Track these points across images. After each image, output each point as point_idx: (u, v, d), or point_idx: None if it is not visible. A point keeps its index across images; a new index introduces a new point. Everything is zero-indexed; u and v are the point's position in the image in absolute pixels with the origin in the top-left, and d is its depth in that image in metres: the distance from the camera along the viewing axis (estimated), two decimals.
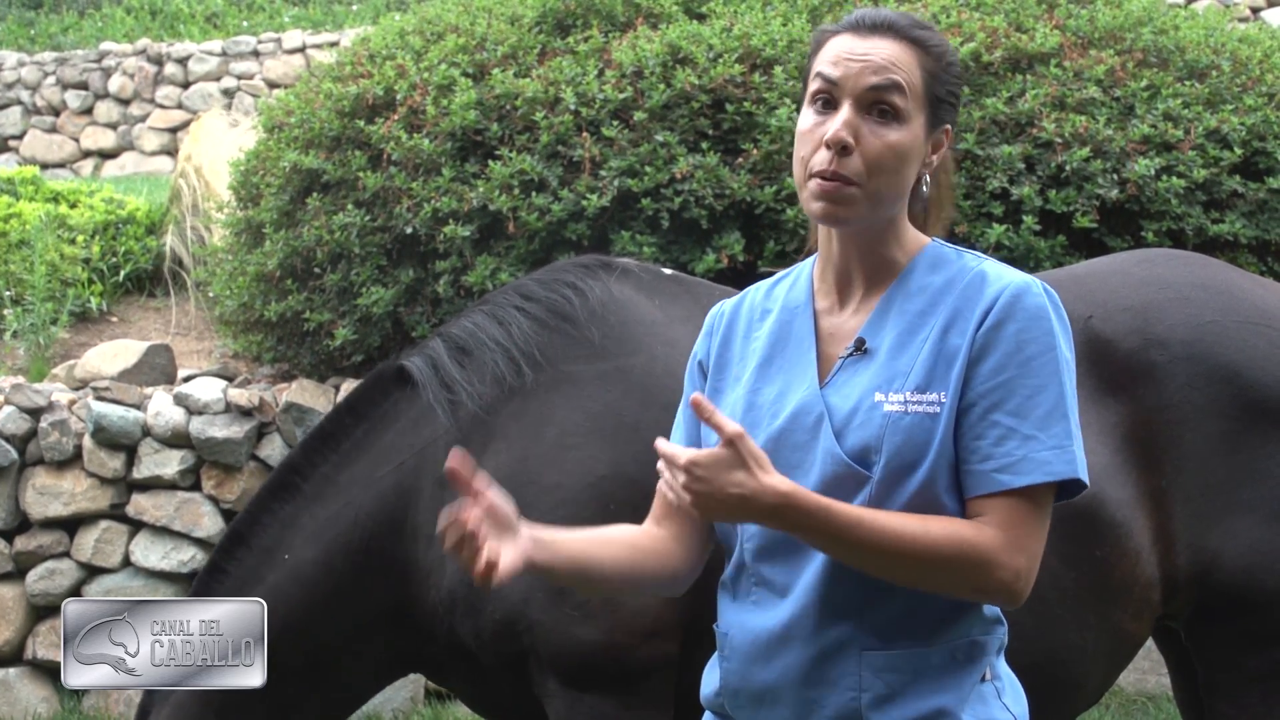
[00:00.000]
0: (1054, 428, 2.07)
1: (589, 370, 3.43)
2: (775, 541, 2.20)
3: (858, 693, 2.13)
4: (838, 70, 2.15)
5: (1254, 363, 3.28)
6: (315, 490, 3.58)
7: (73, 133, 15.87)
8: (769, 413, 2.24)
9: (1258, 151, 5.76)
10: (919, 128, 2.17)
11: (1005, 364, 2.08)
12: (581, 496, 3.31)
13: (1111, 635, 3.26)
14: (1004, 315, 2.10)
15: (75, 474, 6.21)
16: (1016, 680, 2.27)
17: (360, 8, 17.61)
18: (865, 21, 2.20)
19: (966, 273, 2.18)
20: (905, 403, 2.11)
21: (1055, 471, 2.07)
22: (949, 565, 2.04)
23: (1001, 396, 2.08)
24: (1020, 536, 2.07)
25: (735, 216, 5.52)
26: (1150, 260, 3.60)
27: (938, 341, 2.13)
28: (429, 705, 6.18)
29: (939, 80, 2.19)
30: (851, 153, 2.12)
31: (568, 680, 3.32)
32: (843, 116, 2.13)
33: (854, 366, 2.19)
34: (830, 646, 2.14)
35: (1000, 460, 2.07)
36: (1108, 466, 3.16)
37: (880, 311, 2.21)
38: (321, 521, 3.54)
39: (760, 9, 6.29)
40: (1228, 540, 3.24)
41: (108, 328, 8.24)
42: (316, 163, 6.08)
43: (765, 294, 2.39)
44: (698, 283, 3.78)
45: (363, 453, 3.57)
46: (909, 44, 2.18)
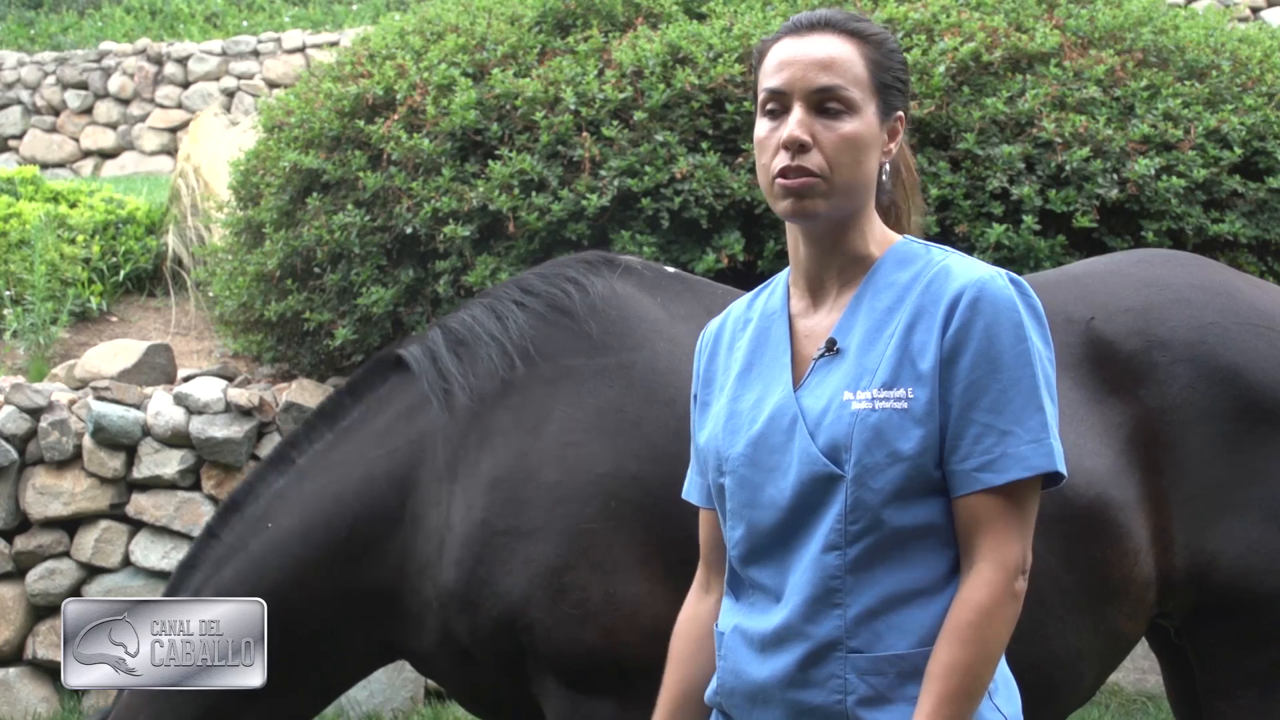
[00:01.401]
0: (1030, 420, 2.10)
1: (590, 365, 3.42)
2: (761, 546, 2.23)
3: (843, 694, 2.14)
4: (783, 75, 2.19)
5: (1254, 364, 3.28)
6: (307, 465, 3.60)
7: (72, 132, 15.88)
8: (748, 418, 2.27)
9: (1258, 151, 5.76)
10: (872, 116, 2.20)
11: (977, 361, 2.10)
12: (582, 494, 3.29)
13: (1107, 635, 3.26)
14: (971, 313, 2.11)
15: (75, 474, 6.22)
16: (1012, 679, 2.27)
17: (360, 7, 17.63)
18: (803, 23, 2.24)
19: (931, 268, 2.20)
20: (873, 399, 2.13)
21: (1034, 466, 2.10)
22: (1002, 634, 2.10)
23: (976, 394, 2.10)
24: (1012, 531, 2.10)
25: (735, 216, 5.52)
26: (1148, 261, 3.60)
27: (903, 338, 2.15)
28: (429, 705, 6.18)
29: (883, 68, 2.22)
30: (810, 149, 2.15)
31: (567, 680, 3.31)
32: (795, 118, 2.16)
33: (826, 367, 2.21)
34: (817, 648, 2.16)
35: (980, 458, 2.09)
36: (1112, 469, 3.16)
37: (851, 310, 2.23)
38: (307, 495, 3.56)
39: (760, 8, 6.29)
40: (1226, 540, 3.24)
41: (108, 327, 8.24)
42: (316, 162, 6.08)
43: (747, 305, 2.43)
44: (701, 281, 3.78)
45: (356, 433, 3.59)
46: (848, 36, 2.21)
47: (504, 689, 3.48)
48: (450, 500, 3.40)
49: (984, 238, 5.28)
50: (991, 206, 5.42)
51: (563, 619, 3.29)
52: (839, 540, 2.13)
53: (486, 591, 3.32)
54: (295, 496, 3.58)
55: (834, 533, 2.13)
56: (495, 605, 3.32)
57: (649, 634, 3.27)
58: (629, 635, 3.27)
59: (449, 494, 3.41)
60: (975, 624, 2.07)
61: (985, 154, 5.50)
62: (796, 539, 2.18)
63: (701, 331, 2.50)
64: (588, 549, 3.26)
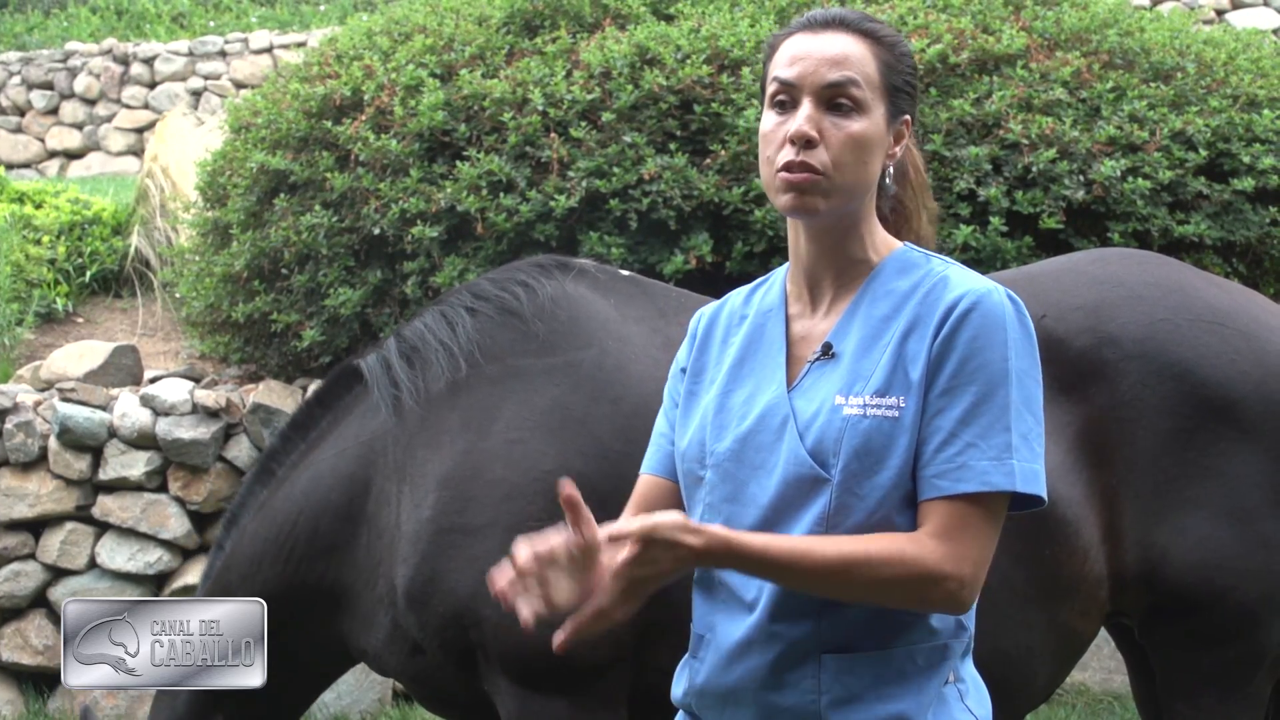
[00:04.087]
0: (994, 439, 2.07)
1: (537, 365, 3.46)
2: None
3: (816, 695, 2.14)
4: (794, 70, 2.18)
5: (1205, 361, 3.30)
6: (284, 474, 3.73)
7: (38, 133, 15.77)
8: (738, 414, 2.25)
9: (1222, 153, 5.80)
10: (880, 118, 2.19)
11: (957, 371, 2.09)
12: (527, 491, 3.32)
13: (1059, 633, 3.27)
14: (960, 323, 2.10)
15: (41, 475, 6.18)
16: (981, 682, 2.27)
17: (328, 8, 17.56)
18: (817, 20, 2.24)
19: (931, 278, 2.19)
20: (864, 406, 2.12)
21: (992, 482, 2.06)
22: (892, 584, 2.05)
23: (948, 403, 2.09)
24: (964, 545, 2.06)
25: (703, 217, 5.52)
26: (1104, 259, 3.62)
27: (898, 346, 2.14)
28: (397, 707, 6.17)
29: (894, 70, 2.22)
30: (816, 145, 2.14)
31: (517, 678, 3.33)
32: (804, 113, 2.15)
33: (821, 370, 2.20)
34: (790, 650, 2.15)
35: (939, 466, 2.08)
36: (1059, 466, 3.18)
37: (848, 315, 2.22)
38: (280, 501, 3.68)
39: (728, 10, 6.30)
40: (1176, 537, 3.26)
41: (73, 328, 8.20)
42: (284, 163, 6.07)
43: (744, 300, 2.41)
44: (655, 284, 3.79)
45: (323, 441, 3.71)
46: (861, 37, 2.21)
47: (460, 687, 3.50)
48: (399, 499, 3.47)
49: (951, 239, 5.29)
50: (959, 208, 5.44)
51: (511, 615, 3.29)
52: None
53: (434, 588, 3.36)
54: (272, 504, 3.70)
55: (814, 533, 2.12)
56: (443, 602, 3.35)
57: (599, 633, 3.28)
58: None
59: (398, 493, 3.48)
60: (887, 554, 2.04)
61: (952, 155, 5.52)
62: None
63: (695, 316, 2.47)
64: None
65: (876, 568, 2.03)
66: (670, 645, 3.16)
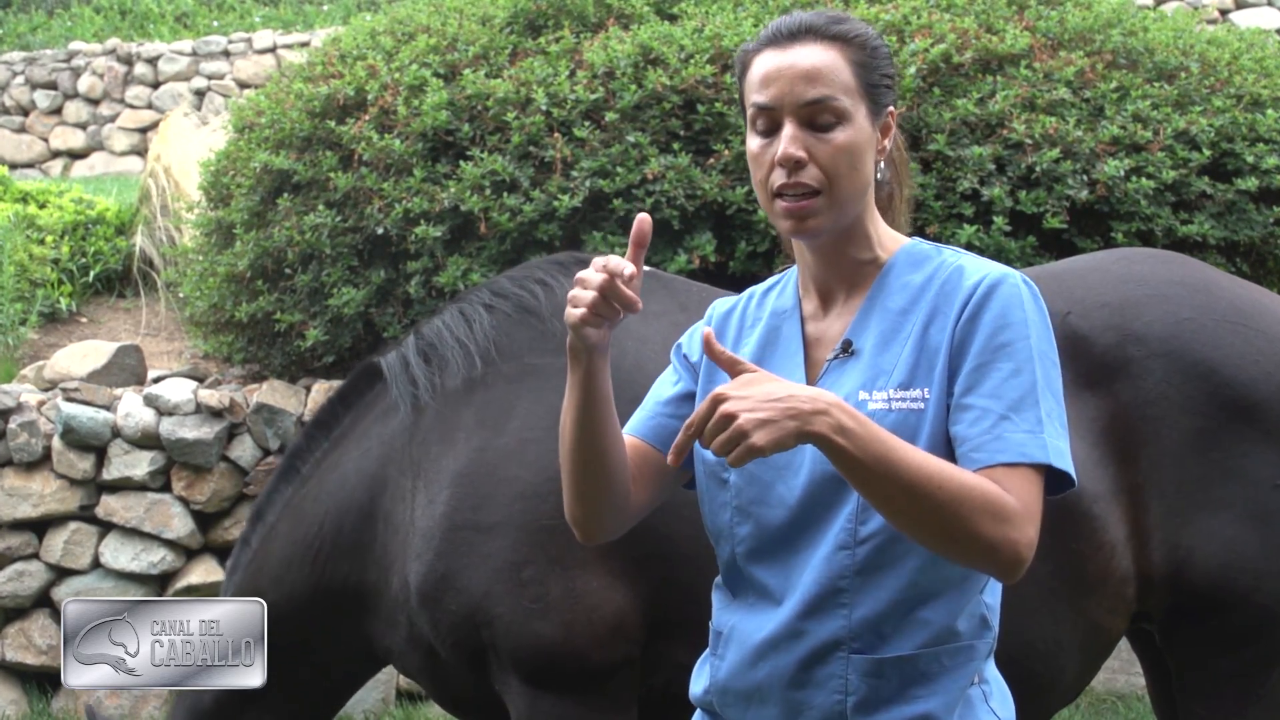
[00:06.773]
0: (1026, 413, 2.05)
1: (554, 364, 3.43)
2: (767, 544, 2.20)
3: (844, 695, 2.13)
4: (770, 92, 2.15)
5: (1230, 360, 3.29)
6: (309, 472, 3.76)
7: (41, 133, 15.79)
8: None
9: (1226, 153, 5.80)
10: (864, 120, 2.16)
11: (982, 349, 2.07)
12: (541, 490, 3.32)
13: (1086, 628, 3.26)
14: (981, 305, 2.09)
15: (44, 475, 6.19)
16: (1004, 683, 2.27)
17: (331, 8, 17.57)
18: (783, 32, 2.19)
19: (945, 268, 2.18)
20: (889, 400, 2.10)
21: (1029, 454, 2.03)
22: (978, 510, 1.97)
23: (976, 380, 2.07)
24: (1024, 506, 2.01)
25: (707, 217, 5.52)
26: (1128, 258, 3.61)
27: (919, 338, 2.13)
28: (400, 706, 6.16)
29: (869, 68, 2.18)
30: (806, 165, 2.12)
31: (527, 676, 3.33)
32: (787, 134, 2.12)
33: (841, 368, 2.19)
34: (818, 649, 2.14)
35: (976, 440, 2.05)
36: (1084, 460, 3.16)
37: (864, 313, 2.21)
38: (305, 499, 3.71)
39: (732, 10, 6.30)
40: (1201, 538, 3.24)
41: (77, 328, 8.20)
42: (287, 163, 6.06)
43: (758, 302, 2.39)
44: (676, 279, 3.79)
45: (345, 439, 3.74)
46: (830, 42, 2.17)
47: (471, 686, 3.51)
48: (414, 495, 3.47)
49: (955, 239, 5.29)
50: (962, 207, 5.43)
51: (522, 613, 3.31)
52: (849, 540, 2.11)
53: (447, 586, 3.36)
54: (297, 502, 3.73)
55: (844, 532, 2.11)
56: (455, 599, 3.35)
57: (610, 629, 3.29)
58: (589, 630, 3.28)
59: (413, 489, 3.48)
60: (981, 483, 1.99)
61: (956, 155, 5.52)
62: (804, 538, 2.17)
63: (709, 310, 2.45)
64: (547, 544, 3.29)
65: (969, 488, 1.97)
66: (682, 644, 3.18)
